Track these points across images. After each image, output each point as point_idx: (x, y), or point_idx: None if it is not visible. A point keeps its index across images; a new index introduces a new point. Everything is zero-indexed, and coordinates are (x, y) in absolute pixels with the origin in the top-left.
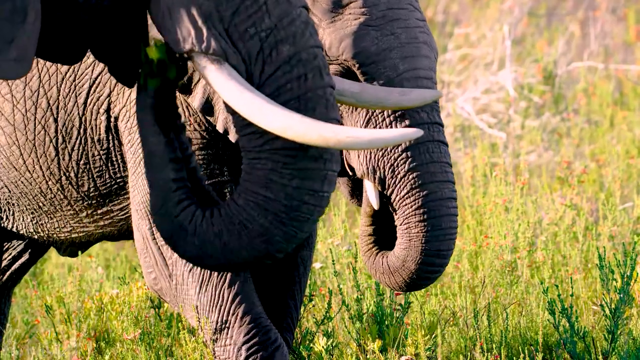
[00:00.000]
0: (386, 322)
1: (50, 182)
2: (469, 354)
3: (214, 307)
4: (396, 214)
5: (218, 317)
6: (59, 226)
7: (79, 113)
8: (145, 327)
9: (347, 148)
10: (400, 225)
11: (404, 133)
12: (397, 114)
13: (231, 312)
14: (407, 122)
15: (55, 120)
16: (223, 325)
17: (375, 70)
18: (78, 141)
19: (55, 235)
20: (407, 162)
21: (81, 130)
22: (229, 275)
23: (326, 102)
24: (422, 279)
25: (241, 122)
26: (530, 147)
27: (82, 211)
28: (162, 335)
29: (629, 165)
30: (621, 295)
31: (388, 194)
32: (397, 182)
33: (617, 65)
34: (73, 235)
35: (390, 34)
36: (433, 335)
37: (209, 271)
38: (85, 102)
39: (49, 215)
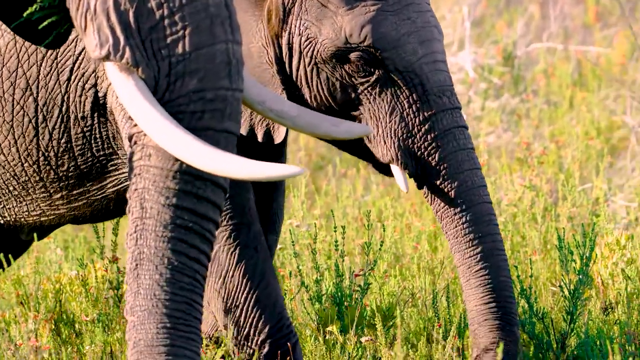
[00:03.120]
0: (345, 303)
1: (26, 165)
2: (428, 334)
3: (236, 299)
4: (430, 204)
5: (239, 307)
6: (28, 210)
7: (61, 91)
8: (104, 308)
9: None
10: (439, 212)
11: (288, 171)
12: (422, 101)
13: (251, 306)
14: (432, 110)
15: (35, 100)
16: (245, 319)
17: (397, 56)
18: (60, 120)
19: (22, 220)
20: (438, 151)
21: (63, 109)
22: (252, 270)
23: (214, 144)
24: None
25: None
26: (489, 128)
27: (56, 192)
28: (120, 316)
29: (588, 146)
30: (580, 277)
31: (419, 183)
32: (429, 170)
33: (576, 46)
34: (42, 219)
35: (407, 18)
36: (392, 317)
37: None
38: (68, 79)
39: (18, 199)
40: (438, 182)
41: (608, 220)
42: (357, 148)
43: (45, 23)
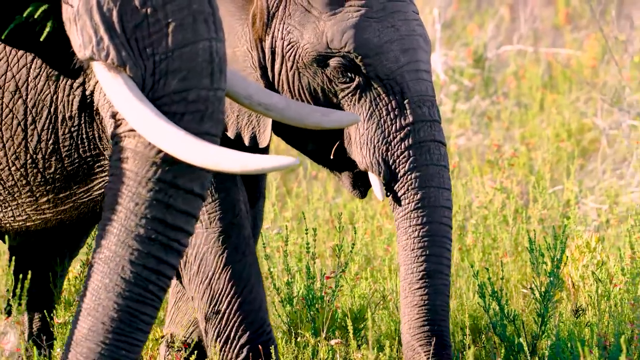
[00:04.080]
0: (316, 305)
1: (13, 168)
2: (398, 337)
3: (220, 301)
4: (392, 210)
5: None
6: (14, 215)
7: (50, 91)
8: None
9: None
10: (397, 221)
11: (284, 162)
12: (401, 109)
13: (234, 309)
14: (411, 119)
15: (25, 102)
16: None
17: (378, 63)
18: (48, 120)
19: (8, 225)
20: (408, 161)
21: (52, 109)
22: (239, 273)
23: (204, 143)
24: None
25: None
26: (460, 130)
27: (42, 196)
28: None
29: (559, 148)
30: (551, 279)
31: (387, 189)
32: (397, 179)
33: (546, 48)
34: (28, 224)
35: (390, 26)
36: (363, 319)
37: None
38: (57, 79)
39: (3, 205)
40: (403, 192)
41: (579, 222)
42: (334, 161)
43: (45, 32)
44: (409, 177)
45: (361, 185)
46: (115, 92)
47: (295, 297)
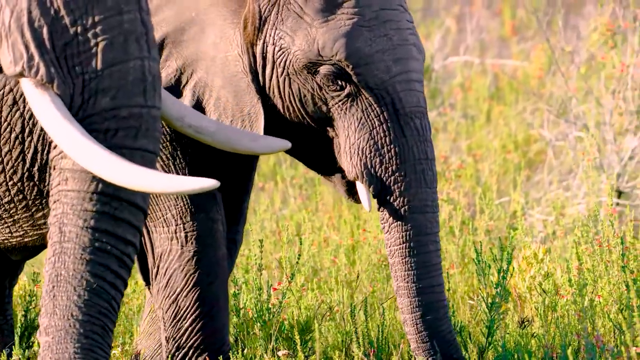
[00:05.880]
0: (263, 317)
1: (10, 183)
2: (345, 348)
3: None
4: (384, 229)
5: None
6: (11, 231)
7: None
8: (22, 321)
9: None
10: (389, 247)
11: (204, 184)
12: (392, 121)
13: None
14: (404, 134)
15: (22, 115)
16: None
17: (369, 72)
18: (44, 130)
19: (7, 242)
20: (404, 182)
21: None
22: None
23: (129, 163)
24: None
25: None
26: None
27: (38, 211)
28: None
29: (506, 160)
30: (498, 290)
31: (379, 204)
32: (388, 194)
33: (493, 60)
34: (26, 240)
35: (383, 35)
36: (310, 330)
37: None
38: None
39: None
40: (394, 214)
41: (525, 233)
42: (328, 167)
43: None
44: (403, 200)
45: (356, 192)
46: (43, 110)
47: (242, 308)
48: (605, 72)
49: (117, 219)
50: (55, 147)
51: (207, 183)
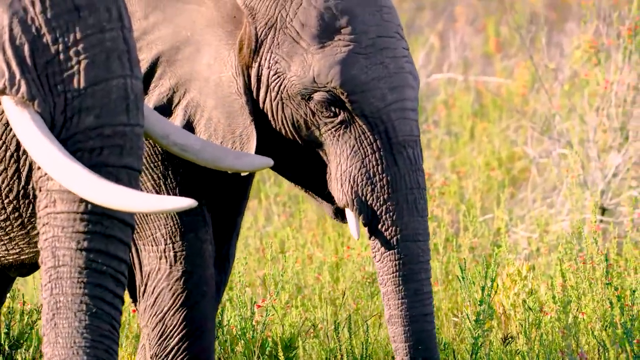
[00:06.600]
0: (247, 334)
1: (6, 201)
2: None
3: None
4: (376, 258)
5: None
6: (7, 249)
7: None
8: (4, 337)
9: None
10: (381, 275)
11: (181, 204)
12: (385, 150)
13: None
14: (397, 164)
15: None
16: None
17: (364, 100)
18: None
19: (3, 259)
20: (396, 212)
21: None
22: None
23: (115, 181)
24: None
25: None
26: None
27: (34, 229)
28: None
29: (489, 177)
30: (482, 307)
31: (370, 233)
32: (378, 227)
33: (476, 77)
34: (22, 257)
35: (379, 63)
36: (294, 347)
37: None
38: None
39: None
40: (387, 246)
41: (509, 250)
42: (319, 190)
43: None
44: (395, 229)
45: (343, 212)
46: (22, 128)
47: (226, 325)
48: (589, 89)
49: (108, 237)
50: (39, 168)
51: (184, 202)
